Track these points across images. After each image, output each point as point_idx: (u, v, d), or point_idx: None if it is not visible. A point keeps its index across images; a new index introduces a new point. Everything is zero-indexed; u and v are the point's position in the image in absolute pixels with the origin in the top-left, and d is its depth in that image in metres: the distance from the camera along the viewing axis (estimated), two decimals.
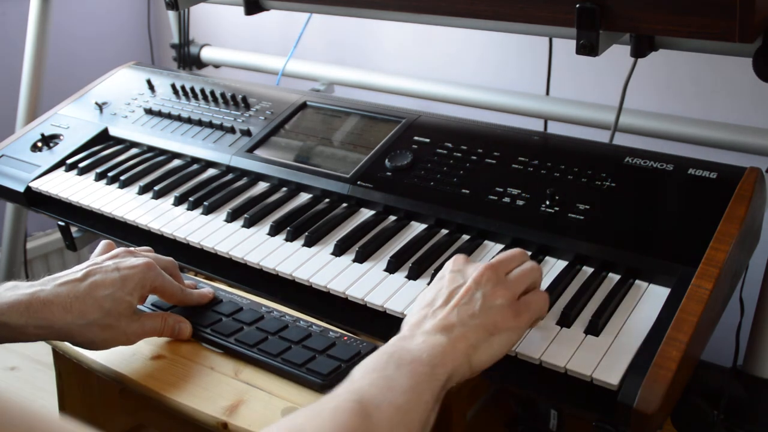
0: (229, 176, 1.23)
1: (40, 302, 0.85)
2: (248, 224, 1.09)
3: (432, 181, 1.07)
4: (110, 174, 1.27)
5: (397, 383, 0.67)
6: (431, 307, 0.77)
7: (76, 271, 0.90)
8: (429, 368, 0.70)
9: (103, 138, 1.40)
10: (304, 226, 1.06)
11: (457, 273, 0.80)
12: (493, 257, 0.83)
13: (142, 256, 0.94)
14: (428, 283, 0.93)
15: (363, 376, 0.69)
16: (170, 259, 0.99)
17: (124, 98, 1.47)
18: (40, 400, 1.37)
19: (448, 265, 0.82)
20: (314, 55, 1.99)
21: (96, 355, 0.92)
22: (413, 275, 0.95)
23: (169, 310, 0.97)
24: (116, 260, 0.92)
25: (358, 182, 1.11)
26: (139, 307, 0.97)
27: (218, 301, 1.00)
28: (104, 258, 0.93)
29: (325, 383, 0.84)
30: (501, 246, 0.99)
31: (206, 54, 2.02)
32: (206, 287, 1.02)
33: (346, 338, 0.91)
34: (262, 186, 1.20)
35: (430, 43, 1.85)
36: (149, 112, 1.41)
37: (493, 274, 0.78)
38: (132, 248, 0.98)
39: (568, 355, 0.80)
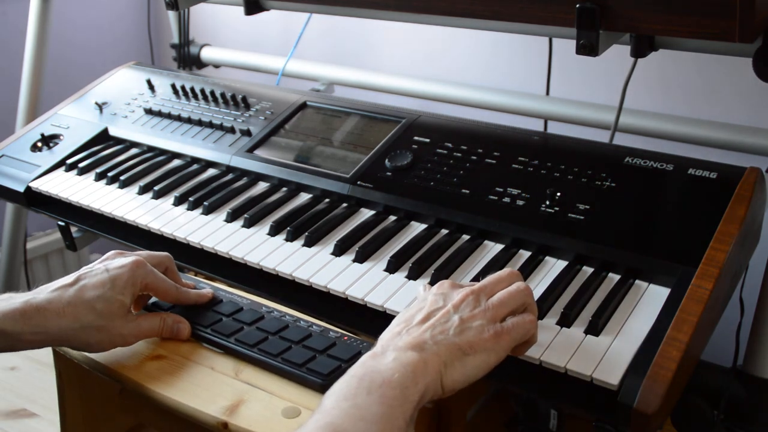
0: (229, 176, 1.23)
1: (33, 309, 0.86)
2: (248, 224, 1.09)
3: (432, 181, 1.07)
4: (110, 174, 1.27)
5: (369, 412, 0.66)
6: (407, 324, 0.76)
7: (68, 278, 0.91)
8: (400, 391, 0.68)
9: (103, 138, 1.40)
10: (304, 226, 1.06)
11: (440, 296, 0.79)
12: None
13: (132, 255, 0.94)
14: (428, 283, 0.93)
15: (334, 405, 0.67)
16: (165, 254, 0.99)
17: (124, 98, 1.47)
18: (40, 400, 1.38)
19: (434, 287, 0.82)
20: (314, 55, 1.99)
21: (96, 354, 0.92)
22: (413, 275, 0.95)
23: (169, 311, 0.97)
24: (106, 262, 0.93)
25: (358, 182, 1.11)
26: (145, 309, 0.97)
27: (218, 301, 1.00)
28: (96, 262, 0.94)
29: (325, 383, 0.84)
30: (501, 246, 0.99)
31: (206, 54, 2.02)
32: (206, 287, 1.02)
33: (346, 338, 0.91)
34: (262, 186, 1.20)
35: (430, 43, 1.85)
36: (149, 112, 1.41)
37: (474, 299, 0.78)
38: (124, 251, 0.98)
39: (568, 355, 0.79)
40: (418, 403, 0.70)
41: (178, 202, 1.18)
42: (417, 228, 1.05)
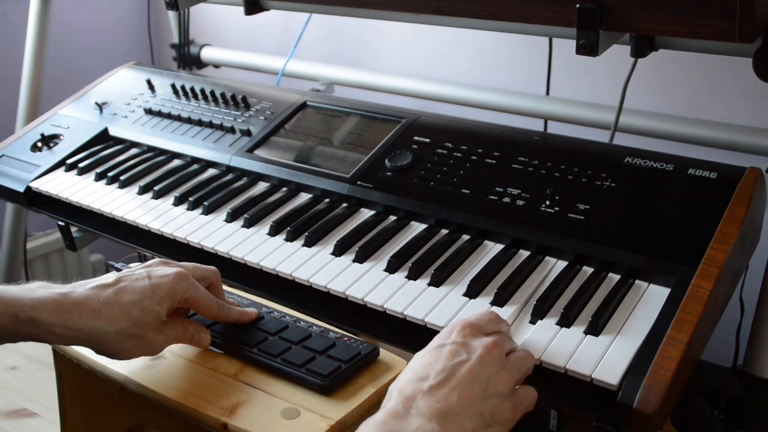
0: (229, 176, 1.23)
1: (71, 303, 0.83)
2: (248, 224, 1.09)
3: (432, 181, 1.07)
4: (110, 174, 1.27)
5: None
6: (427, 380, 0.71)
7: (107, 276, 0.87)
8: None
9: (103, 138, 1.40)
10: (304, 226, 1.06)
11: (461, 346, 0.74)
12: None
13: (176, 266, 0.90)
14: (428, 284, 0.93)
15: None
16: (213, 268, 0.94)
17: (124, 98, 1.47)
18: (40, 399, 1.38)
19: (452, 332, 0.76)
20: (314, 55, 1.99)
21: (96, 354, 0.92)
22: (413, 275, 0.95)
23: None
24: (149, 269, 0.89)
25: (358, 182, 1.11)
26: None
27: None
28: (139, 266, 0.91)
29: (324, 384, 0.84)
30: (501, 246, 0.99)
31: (206, 54, 2.02)
32: (250, 305, 0.98)
33: (346, 339, 0.91)
34: (262, 186, 1.20)
35: (430, 43, 1.85)
36: (149, 112, 1.41)
37: (500, 355, 0.74)
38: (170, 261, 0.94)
39: (568, 355, 0.80)
40: None
41: (178, 202, 1.18)
42: (417, 228, 1.05)
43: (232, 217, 1.12)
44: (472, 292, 0.91)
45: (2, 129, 1.90)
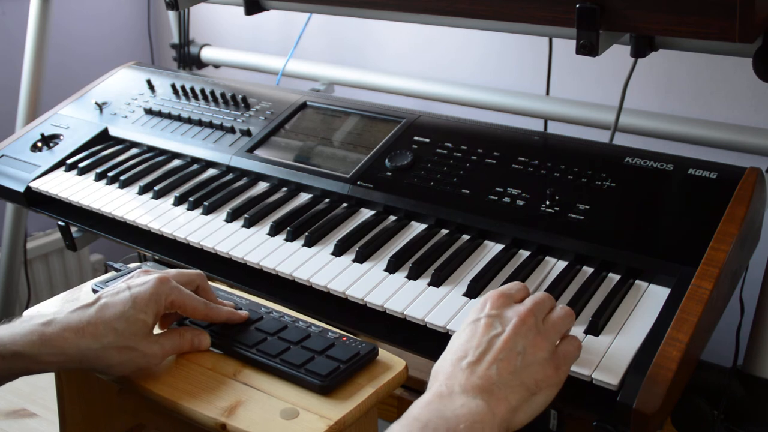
0: (229, 176, 1.23)
1: (52, 330, 0.82)
2: (248, 224, 1.09)
3: (432, 181, 1.07)
4: (110, 174, 1.27)
5: None
6: (466, 358, 0.72)
7: (89, 298, 0.87)
8: None
9: (103, 138, 1.40)
10: (304, 226, 1.06)
11: (495, 318, 0.75)
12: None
13: (157, 272, 0.90)
14: (428, 284, 0.93)
15: None
16: (197, 272, 0.94)
17: (124, 98, 1.47)
18: (40, 399, 1.37)
19: (486, 305, 0.77)
20: (314, 55, 1.98)
21: None
22: (413, 275, 0.95)
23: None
24: (129, 281, 0.89)
25: (358, 182, 1.11)
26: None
27: None
28: (119, 280, 0.91)
29: (324, 384, 0.84)
30: (501, 246, 0.99)
31: (206, 54, 2.02)
32: (243, 305, 0.97)
33: (345, 339, 0.91)
34: (262, 186, 1.20)
35: (430, 43, 1.85)
36: (149, 112, 1.41)
37: (534, 322, 0.74)
38: (149, 269, 0.94)
39: None
40: None
41: (178, 202, 1.18)
42: (417, 228, 1.05)
43: (232, 217, 1.11)
44: (472, 292, 0.91)
45: (2, 129, 1.90)
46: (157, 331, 0.91)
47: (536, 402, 0.72)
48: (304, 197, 1.15)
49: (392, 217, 1.08)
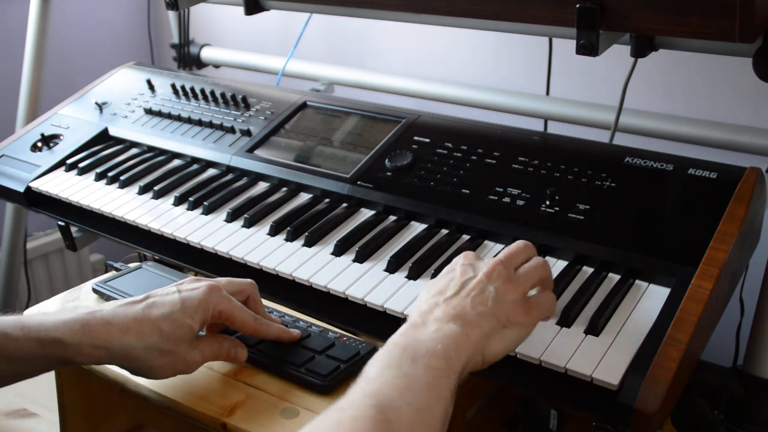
0: (229, 176, 1.23)
1: (97, 321, 0.81)
2: (248, 224, 1.09)
3: (432, 181, 1.07)
4: (110, 174, 1.27)
5: (415, 382, 0.66)
6: (442, 295, 0.76)
7: (137, 295, 0.86)
8: (444, 361, 0.69)
9: (103, 138, 1.40)
10: (304, 226, 1.06)
11: (468, 266, 0.79)
12: (500, 251, 0.82)
13: (209, 280, 0.88)
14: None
15: (378, 374, 0.67)
16: (249, 281, 0.92)
17: (124, 98, 1.47)
18: (40, 399, 1.37)
19: (458, 258, 0.81)
20: (314, 55, 1.98)
21: None
22: (413, 275, 0.95)
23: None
24: (179, 285, 0.87)
25: (358, 182, 1.11)
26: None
27: None
28: (171, 285, 0.89)
29: (324, 384, 0.84)
30: (501, 246, 0.99)
31: (206, 54, 2.02)
32: (291, 323, 0.96)
33: (345, 338, 0.91)
34: (262, 186, 1.20)
35: (430, 43, 1.85)
36: (149, 112, 1.41)
37: (504, 270, 0.77)
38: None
39: (568, 355, 0.79)
40: (460, 374, 0.70)
41: (178, 202, 1.18)
42: (417, 228, 1.05)
43: (232, 217, 1.11)
44: None
45: (2, 129, 1.90)
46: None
47: (507, 336, 0.75)
48: (304, 197, 1.15)
49: (392, 217, 1.08)
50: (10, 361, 0.81)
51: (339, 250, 1.01)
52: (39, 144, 1.40)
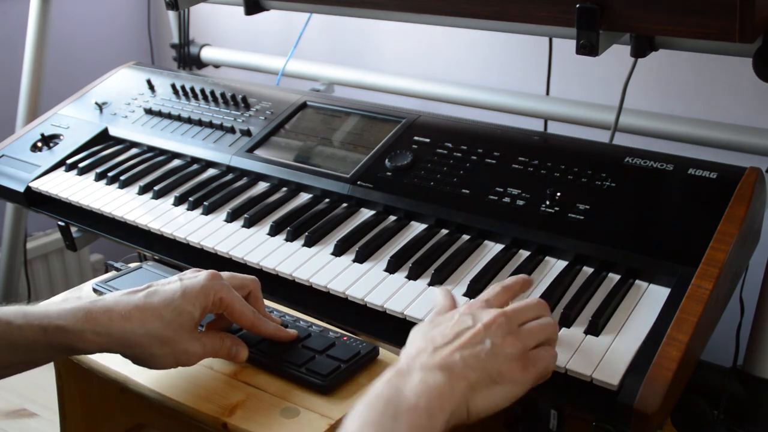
0: (229, 176, 1.23)
1: (99, 308, 0.82)
2: (248, 224, 1.09)
3: (432, 181, 1.07)
4: (110, 174, 1.27)
5: None
6: (432, 342, 0.72)
7: (140, 285, 0.87)
8: (426, 419, 0.66)
9: (103, 138, 1.40)
10: (304, 226, 1.06)
11: (468, 316, 0.75)
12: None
13: (209, 270, 0.88)
14: (428, 284, 0.93)
15: (359, 430, 0.65)
16: (251, 277, 0.92)
17: (124, 98, 1.47)
18: (40, 399, 1.38)
19: (461, 307, 0.78)
20: (314, 55, 1.98)
21: (96, 354, 0.91)
22: (413, 275, 0.95)
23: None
24: (181, 274, 0.88)
25: (358, 182, 1.11)
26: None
27: None
28: (173, 276, 0.89)
29: (324, 384, 0.84)
30: (501, 246, 0.99)
31: (206, 54, 2.02)
32: (295, 323, 0.95)
33: (345, 338, 0.91)
34: (262, 186, 1.20)
35: (429, 43, 1.85)
36: (149, 112, 1.41)
37: (506, 323, 0.74)
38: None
39: (568, 355, 0.79)
40: (442, 429, 0.67)
41: (178, 202, 1.18)
42: (417, 228, 1.05)
43: (232, 217, 1.12)
44: (472, 292, 0.91)
45: (2, 129, 1.90)
46: None
47: (496, 392, 0.71)
48: (304, 197, 1.15)
49: (392, 217, 1.08)
50: (13, 349, 0.81)
51: (339, 250, 1.01)
52: (39, 144, 1.40)
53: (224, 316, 0.88)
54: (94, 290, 1.05)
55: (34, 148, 1.40)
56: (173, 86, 1.45)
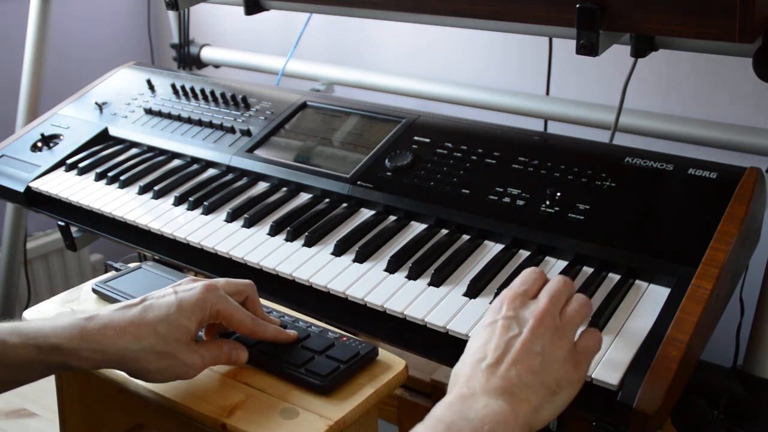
0: (229, 176, 1.23)
1: (94, 326, 0.81)
2: (248, 224, 1.09)
3: (432, 181, 1.07)
4: (110, 174, 1.27)
5: None
6: (485, 359, 0.71)
7: (137, 296, 0.86)
8: None
9: (103, 138, 1.40)
10: (304, 226, 1.06)
11: (512, 320, 0.74)
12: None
13: (206, 280, 0.87)
14: (428, 284, 0.93)
15: None
16: (248, 282, 0.91)
17: (124, 98, 1.47)
18: (40, 399, 1.38)
19: (502, 307, 0.76)
20: (314, 55, 1.98)
21: None
22: (413, 275, 0.95)
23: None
24: (176, 286, 0.87)
25: (358, 182, 1.11)
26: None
27: None
28: (168, 286, 0.88)
29: (324, 384, 0.84)
30: (501, 246, 0.99)
31: (206, 54, 2.02)
32: (289, 324, 0.94)
33: (345, 339, 0.91)
34: (262, 186, 1.20)
35: (429, 42, 1.85)
36: (149, 112, 1.41)
37: (552, 321, 0.73)
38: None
39: None
40: None
41: (178, 202, 1.18)
42: (417, 228, 1.05)
43: (232, 217, 1.11)
44: (472, 292, 0.91)
45: (2, 129, 1.90)
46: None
47: (558, 401, 0.71)
48: (304, 197, 1.15)
49: (392, 217, 1.08)
50: (8, 368, 0.80)
51: (339, 250, 1.01)
52: (39, 144, 1.40)
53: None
54: (94, 290, 1.04)
55: (34, 148, 1.40)
56: (173, 86, 1.45)
